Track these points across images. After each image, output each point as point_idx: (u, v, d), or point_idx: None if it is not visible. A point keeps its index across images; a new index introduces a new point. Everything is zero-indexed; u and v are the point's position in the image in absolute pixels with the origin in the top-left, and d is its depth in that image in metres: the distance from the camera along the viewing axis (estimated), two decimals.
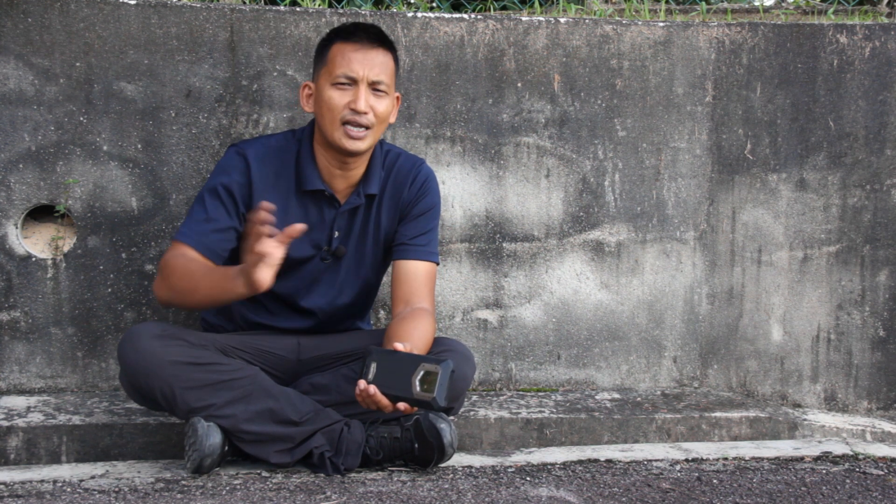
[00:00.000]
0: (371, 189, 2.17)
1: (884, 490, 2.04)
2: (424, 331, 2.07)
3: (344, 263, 2.20)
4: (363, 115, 2.04)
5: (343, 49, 2.06)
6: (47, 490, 1.93)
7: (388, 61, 2.10)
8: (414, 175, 2.21)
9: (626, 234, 2.66)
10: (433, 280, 2.20)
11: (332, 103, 2.05)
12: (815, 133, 2.69)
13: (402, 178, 2.20)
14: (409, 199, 2.20)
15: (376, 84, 2.06)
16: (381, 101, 2.08)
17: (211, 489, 1.93)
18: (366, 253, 2.21)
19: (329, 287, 2.20)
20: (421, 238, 2.20)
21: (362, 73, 2.04)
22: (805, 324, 2.73)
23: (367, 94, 2.05)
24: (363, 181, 2.17)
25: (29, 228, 2.44)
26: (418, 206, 2.21)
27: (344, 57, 2.05)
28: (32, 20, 2.36)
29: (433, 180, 2.24)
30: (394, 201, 2.20)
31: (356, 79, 2.04)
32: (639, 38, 2.62)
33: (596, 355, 2.68)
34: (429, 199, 2.22)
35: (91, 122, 2.41)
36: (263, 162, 2.11)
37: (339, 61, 2.05)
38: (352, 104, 2.04)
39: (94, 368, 2.46)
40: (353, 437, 2.05)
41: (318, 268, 2.18)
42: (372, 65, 2.06)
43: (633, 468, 2.17)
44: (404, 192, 2.20)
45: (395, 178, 2.20)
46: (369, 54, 2.06)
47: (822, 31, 2.67)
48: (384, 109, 2.08)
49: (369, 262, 2.23)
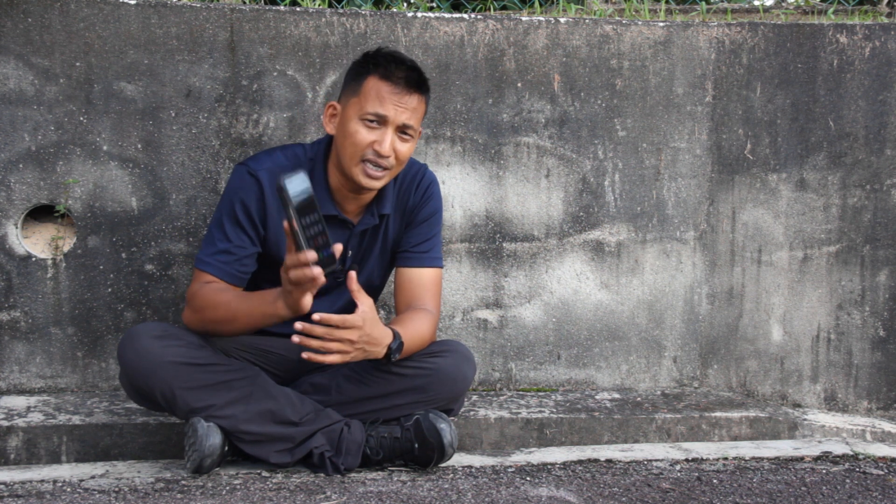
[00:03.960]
0: (385, 209, 2.15)
1: (884, 490, 2.04)
2: (420, 324, 2.07)
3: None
4: (385, 158, 2.01)
5: (379, 87, 2.00)
6: (47, 490, 1.93)
7: (421, 105, 2.06)
8: (418, 181, 2.20)
9: (626, 233, 2.66)
10: (438, 284, 2.20)
11: (357, 138, 2.00)
12: (815, 133, 2.69)
13: (407, 186, 2.20)
14: (414, 205, 2.20)
15: (405, 128, 2.02)
16: (406, 145, 2.04)
17: (211, 489, 1.93)
18: (374, 264, 2.22)
19: (336, 298, 2.20)
20: (424, 245, 2.19)
21: (393, 116, 1.99)
22: (805, 324, 2.73)
23: (394, 137, 2.01)
24: (377, 201, 2.15)
25: (29, 228, 2.44)
26: (422, 212, 2.20)
27: (379, 95, 1.99)
28: (32, 20, 2.36)
29: (436, 185, 2.24)
30: (400, 210, 2.20)
31: (387, 119, 2.00)
32: (639, 38, 2.62)
33: (596, 355, 2.68)
34: (432, 205, 2.21)
35: (91, 122, 2.41)
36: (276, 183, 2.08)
37: (372, 97, 2.00)
38: (376, 145, 2.00)
39: (94, 368, 2.46)
40: (353, 437, 2.05)
41: (329, 285, 2.17)
42: (405, 109, 2.01)
43: (633, 468, 2.17)
44: (410, 199, 2.19)
45: (400, 187, 2.19)
46: (403, 98, 2.00)
47: (822, 31, 2.67)
48: (406, 153, 2.05)
49: (376, 271, 2.23)
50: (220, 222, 2.07)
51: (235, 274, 2.05)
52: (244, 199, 2.05)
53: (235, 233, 2.05)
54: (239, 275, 2.06)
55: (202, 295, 2.01)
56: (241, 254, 2.05)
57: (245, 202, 2.05)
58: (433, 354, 2.09)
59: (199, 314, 2.01)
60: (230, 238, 2.05)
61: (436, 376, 2.07)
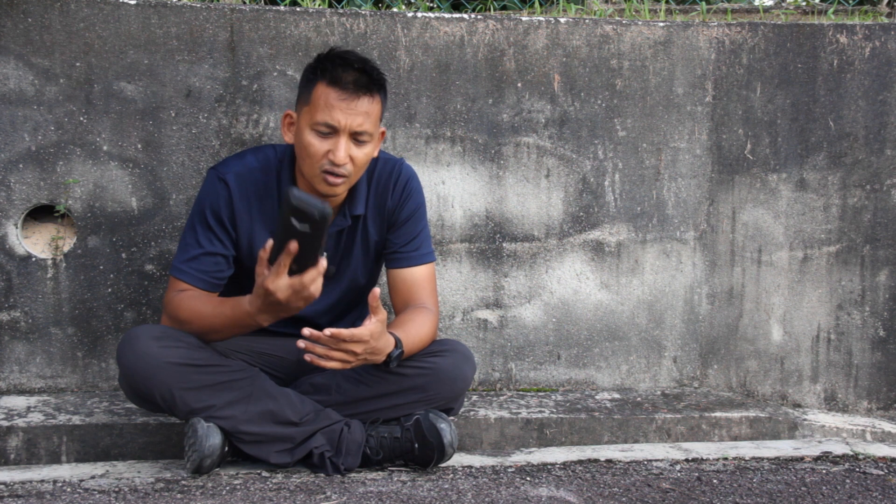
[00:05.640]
0: (357, 210, 2.13)
1: (884, 490, 2.04)
2: (421, 324, 2.07)
3: (336, 280, 2.20)
4: (341, 166, 1.98)
5: (327, 94, 1.96)
6: (47, 490, 1.93)
7: (374, 107, 2.01)
8: (395, 179, 2.17)
9: (626, 234, 2.66)
10: (432, 279, 2.20)
11: (311, 150, 1.98)
12: (815, 133, 2.69)
13: (383, 186, 2.16)
14: (394, 206, 2.17)
15: (358, 134, 1.98)
16: (363, 149, 2.01)
17: (211, 489, 1.93)
18: (356, 266, 2.21)
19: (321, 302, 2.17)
20: (412, 244, 2.18)
21: (344, 123, 1.96)
22: (805, 324, 2.73)
23: (348, 144, 1.97)
24: (348, 202, 2.13)
25: (29, 228, 2.44)
26: (404, 211, 2.18)
27: (327, 103, 1.95)
28: (32, 20, 2.36)
29: (414, 179, 2.20)
30: (378, 210, 2.17)
31: (337, 128, 1.96)
32: (639, 38, 2.62)
33: (596, 355, 2.68)
34: (412, 202, 2.19)
35: (91, 122, 2.41)
36: (244, 185, 2.08)
37: (321, 106, 1.96)
38: (331, 154, 1.97)
39: (94, 368, 2.46)
40: (353, 437, 2.05)
41: None
42: (355, 114, 1.96)
43: (633, 468, 2.17)
44: (388, 199, 2.17)
45: (376, 188, 2.16)
46: (353, 104, 1.96)
47: (822, 31, 2.67)
48: (364, 157, 2.02)
49: (360, 271, 2.22)
50: (192, 228, 2.08)
51: (209, 280, 2.06)
52: (213, 204, 2.06)
53: (207, 238, 2.06)
54: (213, 281, 2.07)
55: (176, 304, 2.02)
56: (212, 258, 2.06)
57: (214, 207, 2.06)
58: (433, 354, 2.09)
59: (175, 324, 2.03)
60: (202, 244, 2.06)
61: (435, 376, 2.07)
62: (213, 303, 2.01)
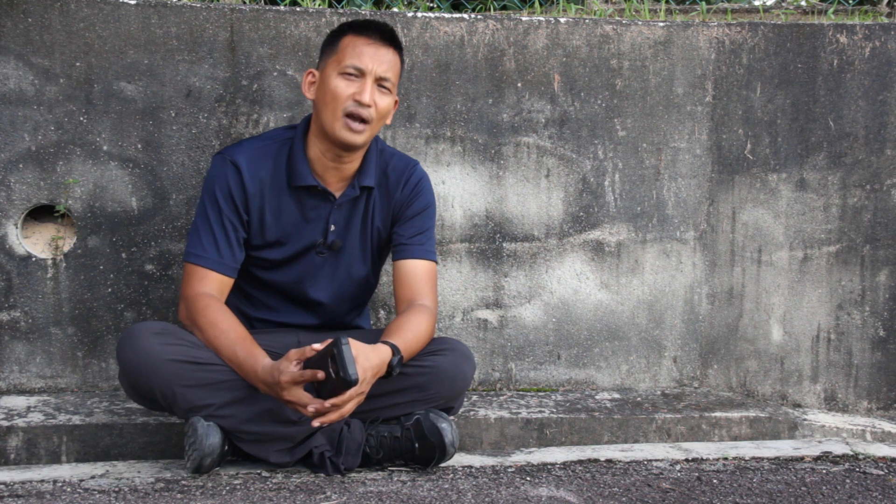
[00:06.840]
0: (367, 181, 2.17)
1: (884, 490, 2.04)
2: (418, 326, 2.07)
3: (342, 258, 2.20)
4: (366, 107, 2.05)
5: (355, 41, 2.08)
6: (47, 490, 1.93)
7: (396, 61, 2.12)
8: (407, 177, 2.21)
9: (626, 234, 2.66)
10: (434, 278, 2.21)
11: (338, 91, 2.06)
12: (815, 133, 2.69)
13: (394, 179, 2.21)
14: (403, 201, 2.20)
15: (383, 80, 2.08)
16: (385, 98, 2.09)
17: (211, 489, 1.93)
18: (364, 247, 2.22)
19: (328, 281, 2.20)
20: (419, 237, 2.20)
21: (371, 67, 2.06)
22: (805, 324, 2.73)
23: (373, 88, 2.07)
24: (359, 174, 2.17)
25: (29, 228, 2.44)
26: (412, 206, 2.20)
27: (355, 49, 2.07)
28: (32, 20, 2.36)
29: (427, 181, 2.25)
30: (386, 200, 2.20)
31: (364, 71, 2.06)
32: (639, 38, 2.62)
33: (596, 355, 2.68)
34: (423, 200, 2.22)
35: (91, 122, 2.41)
36: (254, 166, 2.11)
37: (349, 52, 2.07)
38: (357, 95, 2.05)
39: (94, 368, 2.46)
40: (353, 437, 2.05)
41: (315, 262, 2.18)
42: (381, 60, 2.08)
43: (633, 468, 2.17)
44: (397, 193, 2.20)
45: (388, 177, 2.21)
46: (380, 50, 2.08)
47: (822, 31, 2.67)
48: (386, 106, 2.10)
49: (366, 257, 2.23)
50: (204, 214, 2.10)
51: (227, 264, 2.09)
52: (225, 186, 2.10)
53: (220, 222, 2.09)
54: (231, 265, 2.10)
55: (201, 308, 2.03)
56: (229, 244, 2.09)
57: (225, 189, 2.10)
58: (432, 353, 2.09)
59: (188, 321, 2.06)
60: (214, 229, 2.09)
61: (435, 375, 2.07)
62: (235, 332, 2.00)
